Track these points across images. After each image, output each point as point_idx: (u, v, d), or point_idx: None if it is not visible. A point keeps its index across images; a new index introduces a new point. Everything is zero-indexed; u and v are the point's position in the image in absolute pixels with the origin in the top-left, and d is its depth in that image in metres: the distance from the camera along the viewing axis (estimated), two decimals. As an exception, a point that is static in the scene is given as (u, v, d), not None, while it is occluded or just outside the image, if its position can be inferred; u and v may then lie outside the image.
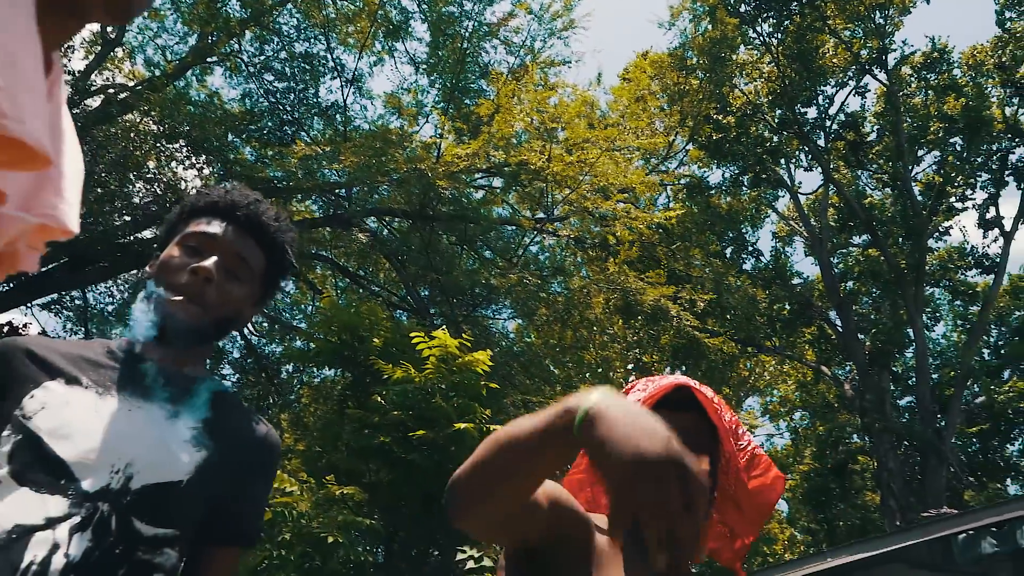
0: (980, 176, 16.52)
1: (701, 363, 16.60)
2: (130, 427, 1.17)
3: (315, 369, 12.40)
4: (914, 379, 17.05)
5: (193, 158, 10.73)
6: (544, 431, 0.91)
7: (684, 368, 16.69)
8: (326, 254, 13.29)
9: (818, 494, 21.50)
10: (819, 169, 17.61)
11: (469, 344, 6.26)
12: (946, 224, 17.55)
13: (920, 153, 17.47)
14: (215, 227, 1.32)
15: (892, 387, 17.80)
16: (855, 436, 20.23)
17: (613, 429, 0.82)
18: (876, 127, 17.67)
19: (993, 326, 18.11)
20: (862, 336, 17.80)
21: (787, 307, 19.00)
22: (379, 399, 6.07)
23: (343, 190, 11.24)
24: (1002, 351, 18.19)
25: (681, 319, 10.62)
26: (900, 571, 7.11)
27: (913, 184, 16.99)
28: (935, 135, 16.79)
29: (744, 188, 18.98)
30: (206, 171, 12.05)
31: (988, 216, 16.37)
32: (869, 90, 17.65)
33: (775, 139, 17.63)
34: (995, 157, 16.24)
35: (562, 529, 1.12)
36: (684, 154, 16.59)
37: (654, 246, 11.35)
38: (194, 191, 1.45)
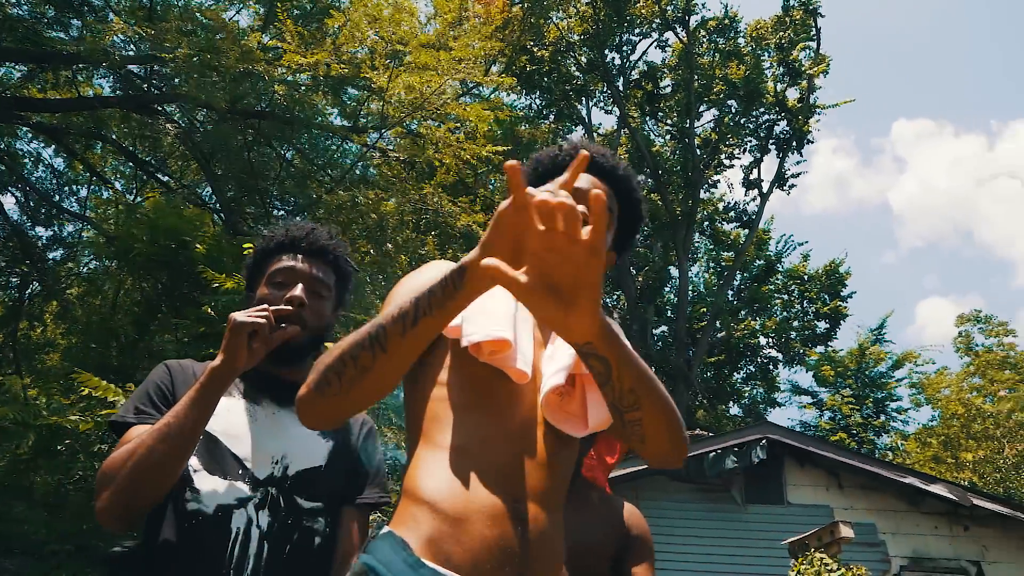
0: (750, 141, 18.62)
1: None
2: (277, 428, 1.52)
3: (97, 261, 11.41)
4: (672, 313, 19.24)
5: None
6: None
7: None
8: (111, 136, 12.02)
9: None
10: (617, 112, 18.81)
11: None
12: (715, 178, 19.68)
13: (701, 110, 19.26)
14: (291, 261, 1.61)
15: (654, 318, 19.94)
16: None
17: None
18: (672, 82, 19.11)
19: (739, 272, 20.79)
20: (634, 271, 19.66)
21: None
22: (208, 310, 5.90)
23: (140, 68, 10.18)
24: (742, 294, 21.02)
25: (491, 246, 11.10)
26: (663, 483, 8.41)
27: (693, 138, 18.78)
28: (717, 96, 18.57)
29: (544, 120, 19.81)
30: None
31: (751, 177, 18.59)
32: (669, 45, 18.94)
33: (582, 78, 18.46)
34: (763, 126, 18.36)
35: None
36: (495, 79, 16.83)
37: (471, 171, 11.64)
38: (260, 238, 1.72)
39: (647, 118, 20.04)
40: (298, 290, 1.56)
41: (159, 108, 9.88)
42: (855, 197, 47.90)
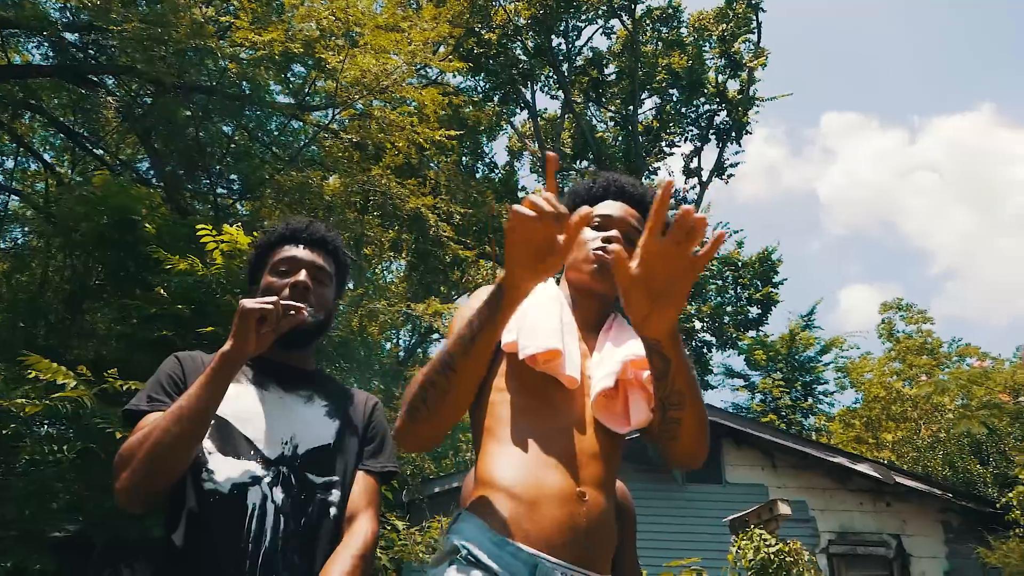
0: (691, 130, 18.99)
1: (433, 263, 17.74)
2: (285, 411, 1.60)
3: (30, 237, 10.97)
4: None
5: None
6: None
7: (421, 267, 17.49)
8: (40, 106, 11.50)
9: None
10: (562, 96, 18.92)
11: (259, 241, 6.13)
12: (656, 165, 20.02)
13: (643, 97, 19.54)
14: (294, 251, 1.70)
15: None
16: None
17: None
18: (616, 70, 19.30)
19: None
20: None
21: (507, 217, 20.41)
22: (161, 291, 5.80)
23: (74, 35, 9.77)
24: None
25: (439, 228, 11.11)
26: (608, 463, 8.65)
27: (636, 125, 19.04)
28: (659, 84, 18.87)
29: (490, 103, 19.77)
30: None
31: (692, 166, 19.00)
32: (614, 32, 19.12)
33: (529, 63, 18.49)
34: (704, 116, 18.75)
35: None
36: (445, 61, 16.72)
37: (421, 152, 11.57)
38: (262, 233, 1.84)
39: (590, 104, 20.22)
40: (302, 275, 1.65)
41: (95, 79, 9.51)
42: (785, 186, 49.39)
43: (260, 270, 1.73)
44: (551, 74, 18.91)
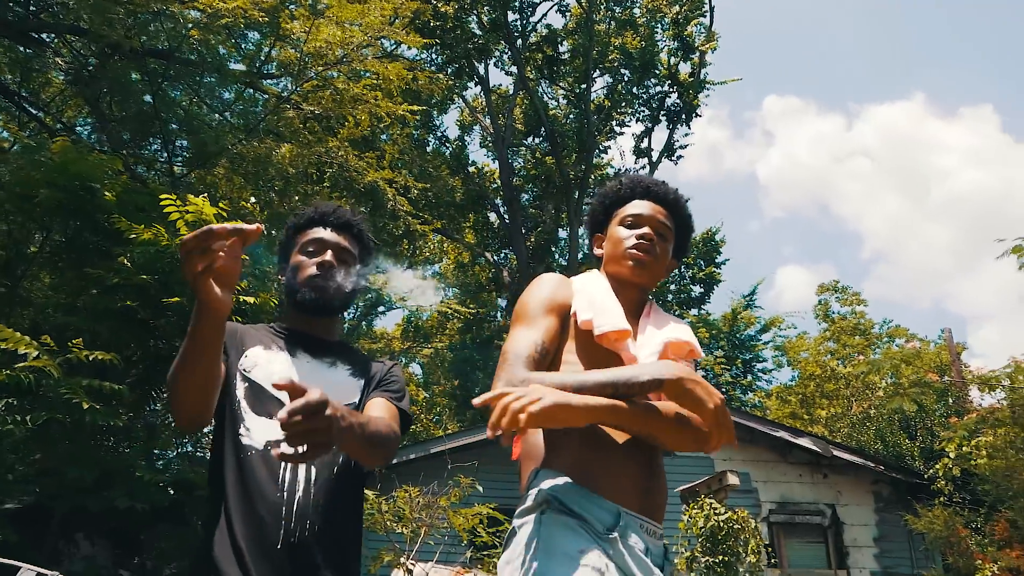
0: (642, 111, 19.19)
1: (385, 236, 17.60)
2: (313, 375, 1.74)
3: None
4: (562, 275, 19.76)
5: None
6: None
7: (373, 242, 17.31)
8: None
9: (463, 364, 24.31)
10: (516, 71, 18.87)
11: (225, 214, 6.10)
12: (606, 143, 20.22)
13: (596, 76, 19.64)
14: (321, 233, 1.85)
15: (545, 279, 20.33)
16: (499, 316, 23.09)
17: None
18: (570, 48, 19.33)
19: (624, 236, 21.49)
20: (525, 231, 20.01)
21: (460, 192, 20.41)
22: (125, 261, 5.71)
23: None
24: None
25: (396, 202, 11.08)
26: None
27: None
28: (611, 64, 18.99)
29: (443, 76, 19.57)
30: None
31: (642, 146, 19.24)
32: (569, 9, 19.13)
33: (484, 37, 18.39)
34: (655, 97, 18.97)
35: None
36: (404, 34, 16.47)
37: (378, 123, 11.46)
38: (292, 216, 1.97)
39: (543, 81, 20.22)
40: (328, 255, 1.81)
41: (36, 36, 9.12)
42: (727, 167, 50.45)
43: (290, 250, 1.89)
44: (506, 49, 18.83)
